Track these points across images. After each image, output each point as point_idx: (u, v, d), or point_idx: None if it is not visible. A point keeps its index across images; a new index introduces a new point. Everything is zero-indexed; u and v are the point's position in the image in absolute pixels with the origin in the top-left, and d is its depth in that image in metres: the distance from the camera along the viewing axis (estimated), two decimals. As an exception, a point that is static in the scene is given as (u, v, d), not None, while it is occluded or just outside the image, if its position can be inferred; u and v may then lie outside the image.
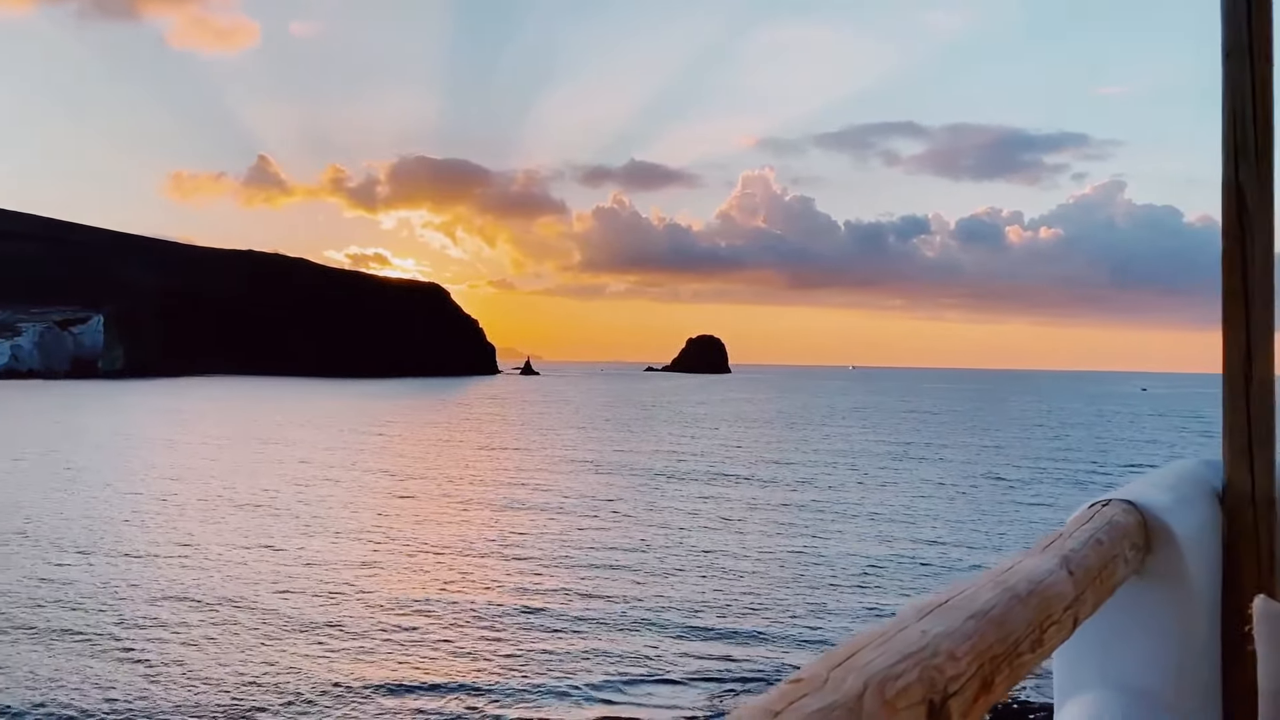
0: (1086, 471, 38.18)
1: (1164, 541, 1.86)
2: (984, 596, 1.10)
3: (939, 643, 0.92)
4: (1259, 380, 2.15)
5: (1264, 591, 2.04)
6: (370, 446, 44.83)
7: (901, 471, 37.33)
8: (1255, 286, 2.14)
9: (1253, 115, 2.14)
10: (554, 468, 37.20)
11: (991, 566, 1.26)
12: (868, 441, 51.48)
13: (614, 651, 13.70)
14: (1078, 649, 1.96)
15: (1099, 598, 1.49)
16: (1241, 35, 2.14)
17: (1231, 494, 2.16)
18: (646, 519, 25.15)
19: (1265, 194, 2.14)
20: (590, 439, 50.94)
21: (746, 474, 35.59)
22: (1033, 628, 1.17)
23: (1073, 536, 1.52)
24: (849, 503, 28.55)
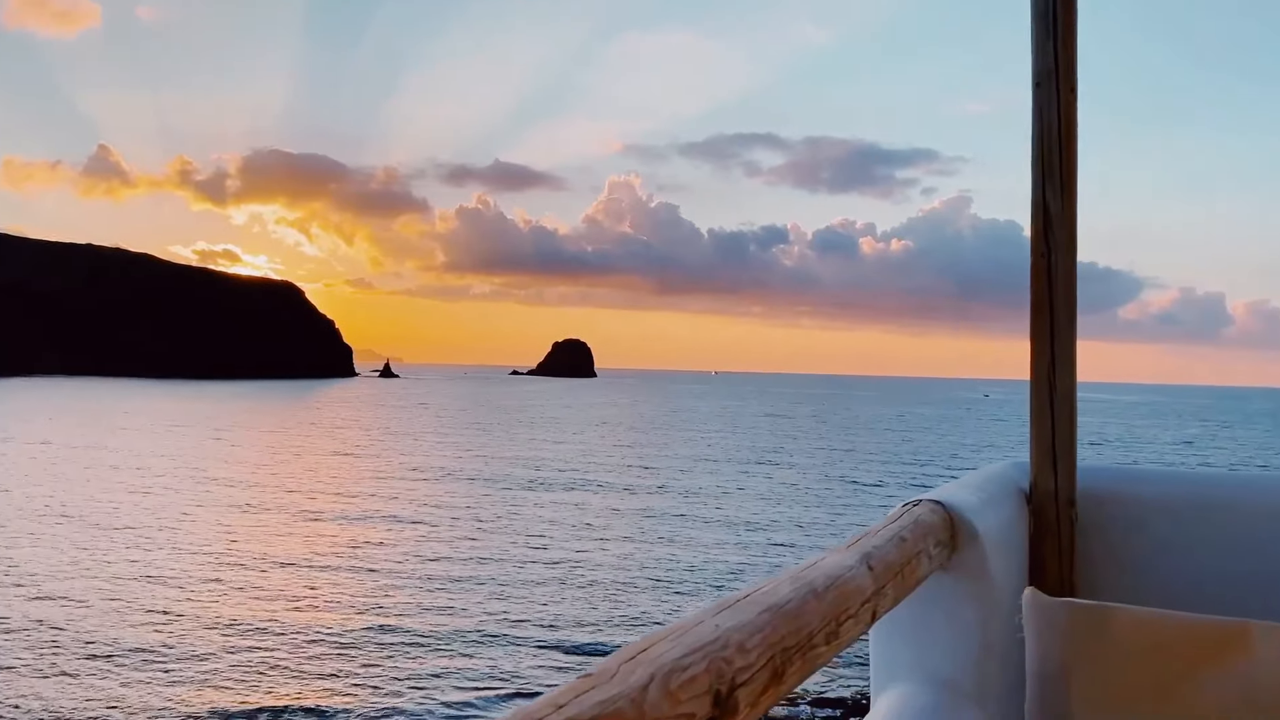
0: (930, 473, 39.79)
1: (968, 539, 1.92)
2: (782, 591, 1.13)
3: (730, 635, 0.94)
4: (1062, 388, 2.28)
5: (1063, 584, 2.24)
6: (212, 453, 42.78)
7: (758, 475, 38.05)
8: (1059, 300, 2.26)
9: (1058, 140, 2.26)
10: (409, 476, 36.30)
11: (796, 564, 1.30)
12: (727, 446, 52.32)
13: (472, 669, 13.38)
14: (890, 641, 2.01)
15: (900, 592, 1.54)
16: (1049, 65, 2.26)
17: (1037, 494, 2.30)
18: (505, 528, 24.80)
19: (1069, 214, 2.26)
20: (449, 445, 50.01)
21: (608, 480, 35.57)
22: (828, 621, 1.20)
23: (877, 535, 1.58)
24: (708, 508, 28.87)
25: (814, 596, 1.19)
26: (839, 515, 28.25)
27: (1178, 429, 78.91)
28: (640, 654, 0.85)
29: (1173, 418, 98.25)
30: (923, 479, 38.27)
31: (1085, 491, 2.34)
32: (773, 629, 1.03)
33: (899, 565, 1.55)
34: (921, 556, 1.69)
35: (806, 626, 1.13)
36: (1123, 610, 1.71)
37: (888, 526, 1.67)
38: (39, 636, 14.38)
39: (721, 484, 35.01)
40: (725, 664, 0.91)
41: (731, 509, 28.79)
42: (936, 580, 1.91)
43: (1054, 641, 1.67)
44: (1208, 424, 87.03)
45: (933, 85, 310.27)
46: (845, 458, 47.04)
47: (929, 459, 48.04)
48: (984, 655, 1.95)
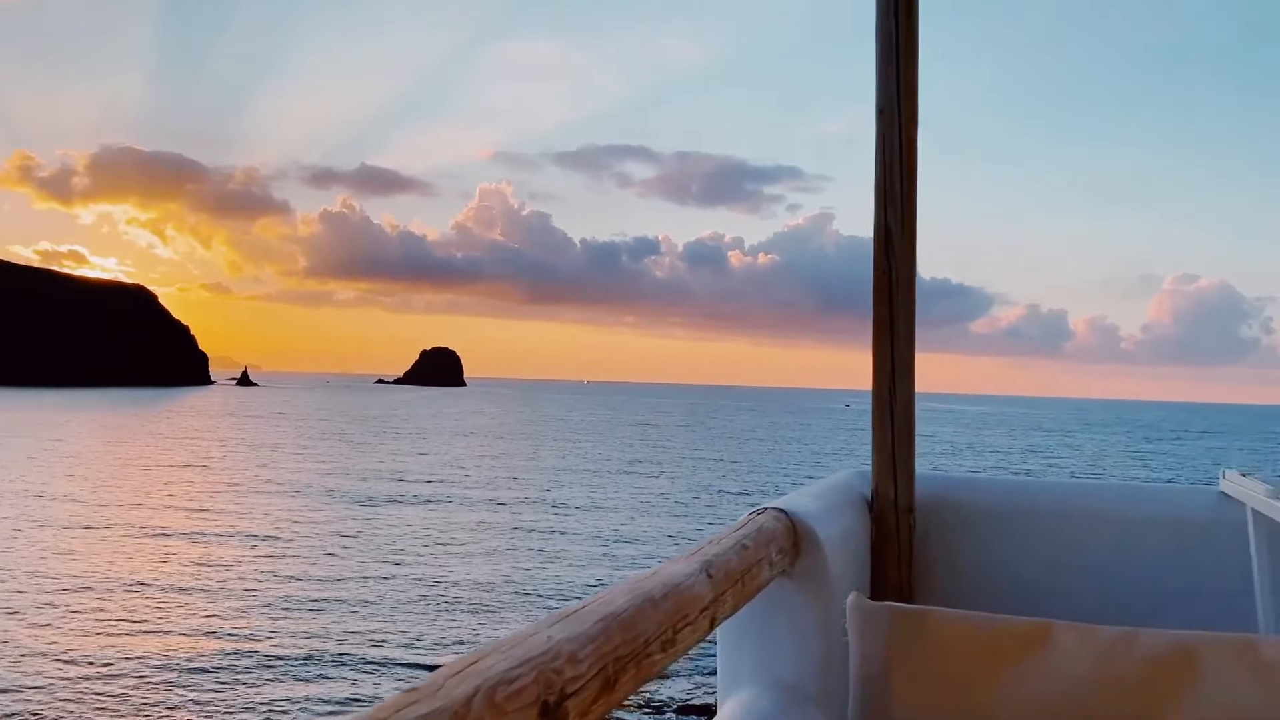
0: (793, 481, 40.76)
1: (810, 545, 1.98)
2: (619, 601, 1.14)
3: (561, 646, 0.94)
4: (902, 401, 2.38)
5: (902, 588, 2.34)
6: (50, 466, 40.23)
7: (628, 486, 38.21)
8: (900, 317, 2.37)
9: (900, 165, 2.36)
10: (264, 489, 34.97)
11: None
12: (597, 455, 52.38)
13: (329, 694, 12.95)
14: (736, 647, 2.06)
15: (740, 599, 1.58)
16: (891, 94, 2.35)
17: (878, 502, 2.39)
18: (366, 545, 24.15)
19: (909, 235, 2.37)
20: (307, 456, 48.39)
21: (474, 493, 35.09)
22: (664, 629, 1.21)
23: (719, 543, 1.61)
24: (577, 521, 28.81)
25: (651, 605, 1.20)
26: (707, 525, 28.61)
27: (1023, 438, 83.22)
28: (468, 667, 0.84)
29: (1019, 427, 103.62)
30: (787, 487, 39.16)
31: (923, 499, 2.44)
32: (606, 638, 1.04)
33: (739, 572, 1.58)
34: (763, 563, 1.73)
35: (642, 634, 1.14)
36: (938, 613, 1.79)
37: (731, 535, 1.71)
38: None
39: (591, 495, 34.99)
40: (555, 674, 0.91)
41: (601, 521, 28.80)
42: (780, 586, 1.96)
43: (876, 644, 1.73)
44: (1052, 433, 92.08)
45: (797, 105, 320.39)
46: (713, 466, 47.77)
47: (792, 467, 49.24)
48: (825, 659, 2.00)
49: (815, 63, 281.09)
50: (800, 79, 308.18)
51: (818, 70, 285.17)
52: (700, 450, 59.04)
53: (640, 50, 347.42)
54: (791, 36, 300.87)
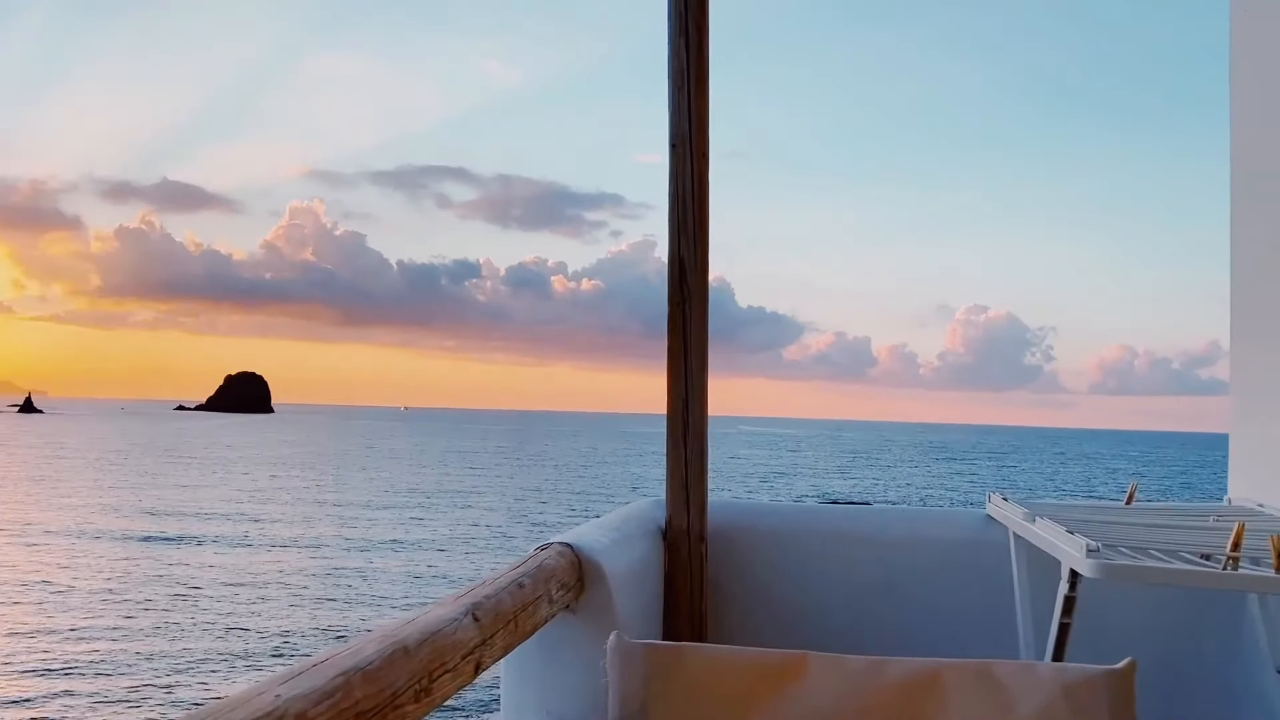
0: (610, 501, 40.85)
1: (595, 579, 1.99)
2: (367, 652, 1.09)
3: (290, 705, 0.89)
4: (695, 429, 2.42)
5: (695, 618, 2.32)
6: None
7: (440, 518, 37.19)
8: (693, 346, 2.41)
9: (692, 201, 2.41)
10: (32, 528, 32.03)
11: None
12: (409, 486, 50.86)
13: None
14: (520, 684, 2.07)
15: (512, 640, 1.57)
16: (683, 129, 2.41)
17: (671, 531, 2.40)
18: (134, 591, 22.41)
19: (702, 266, 2.43)
20: (88, 491, 44.70)
21: (272, 530, 33.27)
22: (418, 677, 1.17)
23: (492, 584, 1.59)
24: (381, 558, 27.74)
25: (404, 654, 1.16)
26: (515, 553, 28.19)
27: (831, 459, 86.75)
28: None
29: (827, 449, 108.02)
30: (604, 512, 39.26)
31: (717, 527, 2.43)
32: (345, 693, 0.98)
33: (512, 613, 1.56)
34: (541, 601, 1.73)
35: (390, 686, 1.09)
36: (695, 649, 1.81)
37: (507, 574, 1.70)
38: None
39: (396, 526, 33.84)
40: None
41: (404, 556, 27.82)
42: (563, 622, 1.96)
43: (635, 683, 1.74)
44: (868, 455, 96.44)
45: (619, 132, 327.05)
46: (530, 495, 47.28)
47: (610, 492, 49.34)
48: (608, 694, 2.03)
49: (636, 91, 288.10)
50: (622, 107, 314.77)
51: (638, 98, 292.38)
52: (517, 478, 58.39)
53: (459, 71, 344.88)
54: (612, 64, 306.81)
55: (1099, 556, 1.89)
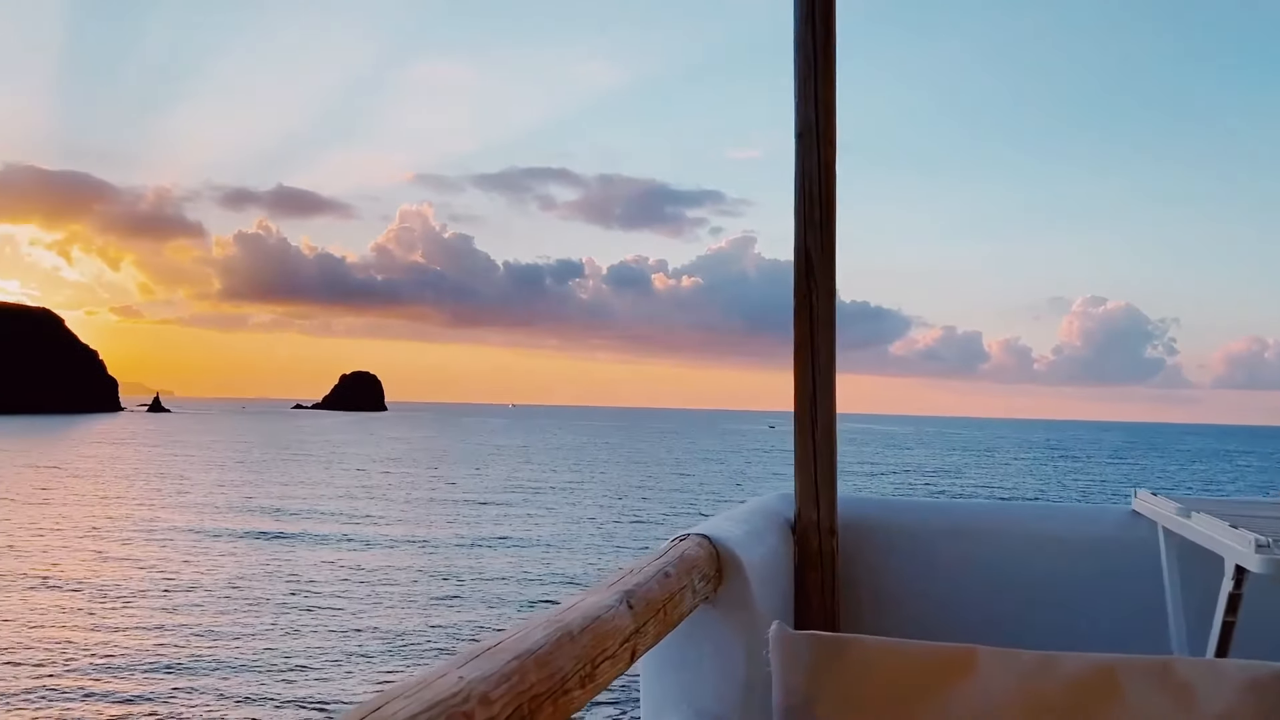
0: (715, 504, 40.64)
1: (734, 572, 1.98)
2: (535, 636, 1.11)
3: (474, 687, 0.92)
4: (823, 422, 2.36)
5: (827, 614, 2.30)
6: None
7: (552, 512, 37.62)
8: (820, 338, 2.37)
9: (819, 189, 2.37)
10: (166, 521, 33.56)
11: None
12: (523, 479, 51.64)
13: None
14: (660, 676, 2.05)
15: (662, 629, 1.57)
16: (810, 119, 2.38)
17: (800, 525, 2.37)
18: (268, 586, 23.19)
19: (828, 258, 2.38)
20: (216, 487, 46.72)
21: (388, 518, 34.16)
22: (583, 663, 1.18)
23: (640, 572, 1.59)
24: (502, 548, 28.16)
25: (569, 639, 1.17)
26: (629, 553, 28.22)
27: (942, 457, 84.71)
28: (375, 712, 0.80)
29: (938, 447, 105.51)
30: (710, 510, 39.03)
31: (846, 522, 2.40)
32: (521, 677, 1.01)
33: (661, 601, 1.56)
34: (685, 591, 1.72)
35: (559, 671, 1.11)
36: (860, 641, 1.78)
37: (652, 563, 1.69)
38: None
39: (514, 519, 34.36)
40: (464, 717, 0.88)
41: (524, 544, 28.21)
42: (704, 614, 1.95)
43: (799, 674, 1.73)
44: (977, 454, 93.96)
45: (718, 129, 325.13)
46: (638, 491, 47.42)
47: (716, 490, 49.16)
48: (748, 687, 1.99)
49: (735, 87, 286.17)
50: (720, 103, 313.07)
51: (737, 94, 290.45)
52: (624, 473, 58.68)
53: (560, 73, 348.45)
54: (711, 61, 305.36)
55: (1269, 552, 1.83)
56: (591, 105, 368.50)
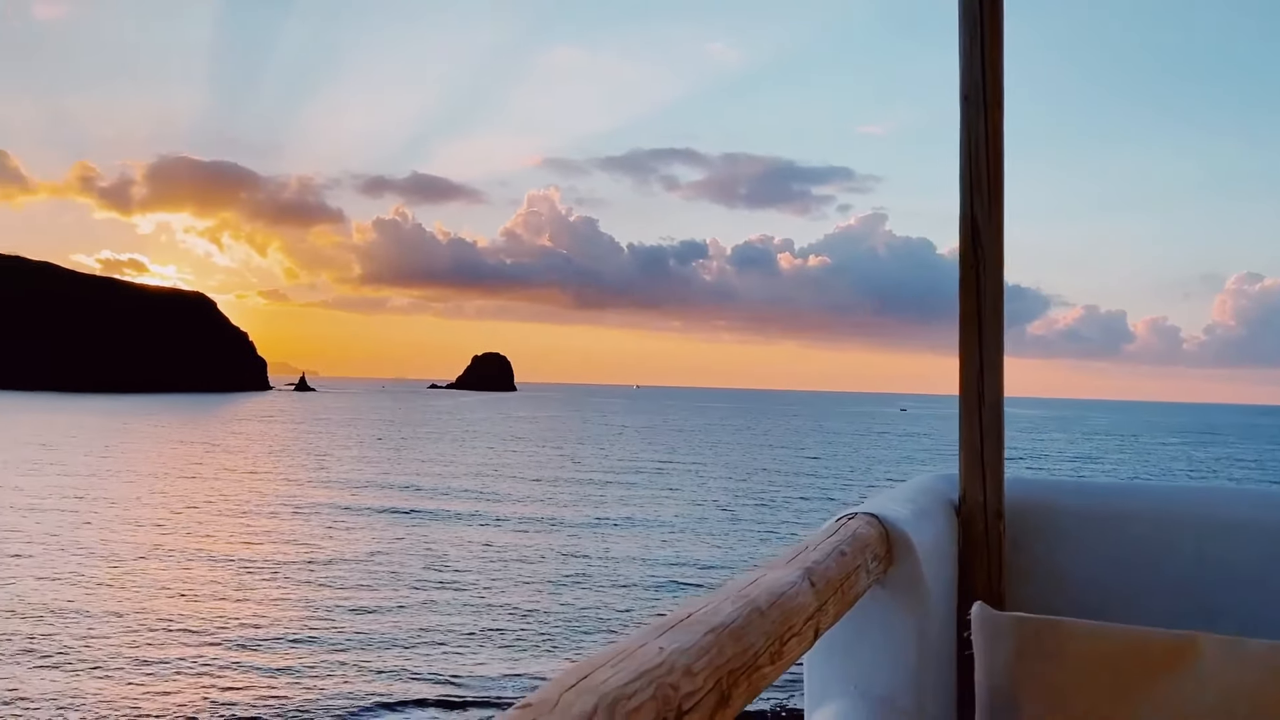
0: (845, 486, 39.97)
1: (904, 552, 1.93)
2: (725, 610, 1.10)
3: (676, 659, 0.91)
4: (990, 400, 2.28)
5: (993, 597, 2.20)
6: (106, 469, 40.84)
7: (677, 491, 37.75)
8: (988, 312, 2.27)
9: (986, 155, 2.27)
10: (309, 496, 35.13)
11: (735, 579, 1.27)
12: (648, 459, 52.00)
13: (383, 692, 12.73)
14: (826, 658, 2.01)
15: (841, 608, 1.54)
16: (976, 81, 2.27)
17: (966, 506, 2.28)
18: (408, 559, 23.98)
19: (996, 227, 2.28)
20: (365, 463, 48.67)
21: (522, 494, 34.90)
22: (772, 640, 1.17)
23: (817, 549, 1.56)
24: (625, 528, 28.42)
25: (758, 615, 1.16)
26: (749, 532, 28.06)
27: (1085, 441, 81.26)
28: (582, 680, 0.80)
29: (1079, 432, 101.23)
30: (846, 496, 38.43)
31: (1013, 503, 2.32)
32: (718, 650, 1.00)
33: (839, 580, 1.53)
34: (860, 571, 1.69)
35: (752, 647, 1.10)
36: (1072, 624, 1.73)
37: (827, 540, 1.65)
38: None
39: (639, 499, 34.63)
40: (672, 689, 0.87)
41: (649, 526, 28.40)
42: (872, 595, 1.90)
43: (1003, 656, 1.68)
44: (1121, 438, 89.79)
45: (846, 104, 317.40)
46: (769, 474, 47.11)
47: (852, 473, 48.40)
48: (920, 671, 1.94)
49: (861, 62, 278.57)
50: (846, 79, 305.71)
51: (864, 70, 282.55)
52: (750, 455, 58.40)
53: (684, 53, 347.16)
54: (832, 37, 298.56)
55: None
56: (716, 84, 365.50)
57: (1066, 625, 1.69)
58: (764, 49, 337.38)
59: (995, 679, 1.65)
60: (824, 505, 33.78)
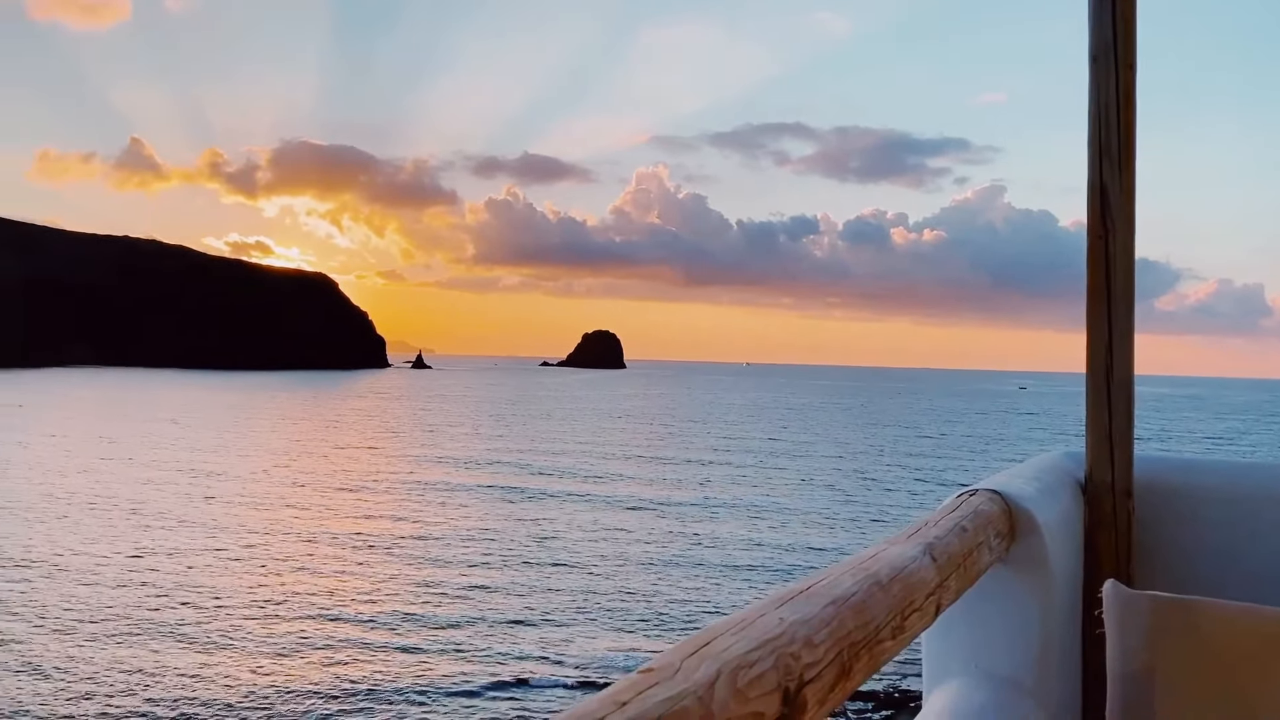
0: (962, 469, 39.01)
1: (1028, 529, 1.90)
2: (845, 583, 1.10)
3: (796, 630, 0.91)
4: (1119, 376, 2.22)
5: (1120, 577, 2.13)
6: (234, 445, 42.81)
7: (788, 470, 37.49)
8: (1117, 285, 2.20)
9: (1116, 119, 2.19)
10: (431, 470, 36.11)
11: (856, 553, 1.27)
12: (757, 438, 51.76)
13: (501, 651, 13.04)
14: (945, 636, 1.99)
15: (962, 584, 1.52)
16: (1106, 40, 2.19)
17: (1093, 485, 2.23)
18: (519, 538, 24.42)
19: (1127, 195, 2.20)
20: (482, 437, 49.83)
21: (630, 473, 35.16)
22: (894, 615, 1.17)
23: (938, 524, 1.55)
24: (736, 503, 28.39)
25: (879, 589, 1.16)
26: (864, 509, 27.68)
27: (1217, 421, 77.35)
28: (703, 648, 0.81)
29: (1213, 410, 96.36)
30: (966, 476, 37.57)
31: (1142, 482, 2.27)
32: (839, 623, 1.00)
33: (961, 556, 1.51)
34: (983, 548, 1.67)
35: (873, 620, 1.09)
36: (1210, 604, 1.68)
37: (948, 516, 1.63)
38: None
39: (750, 477, 34.52)
40: (793, 660, 0.87)
41: (761, 504, 28.31)
42: (994, 572, 1.87)
43: (1139, 636, 1.65)
44: (1258, 418, 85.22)
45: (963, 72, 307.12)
46: (875, 452, 46.35)
47: (972, 452, 47.23)
48: (1043, 651, 1.92)
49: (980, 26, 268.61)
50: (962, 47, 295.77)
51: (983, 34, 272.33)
52: (863, 434, 57.53)
53: (790, 27, 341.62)
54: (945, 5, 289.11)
55: None
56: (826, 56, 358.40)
57: (1203, 605, 1.65)
58: (874, 17, 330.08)
59: (1129, 659, 1.62)
60: (939, 490, 33.05)
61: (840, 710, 11.68)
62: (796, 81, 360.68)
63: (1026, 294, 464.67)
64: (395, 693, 12.28)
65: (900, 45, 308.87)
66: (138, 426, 50.47)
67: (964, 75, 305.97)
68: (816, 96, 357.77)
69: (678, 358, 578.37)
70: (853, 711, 11.79)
